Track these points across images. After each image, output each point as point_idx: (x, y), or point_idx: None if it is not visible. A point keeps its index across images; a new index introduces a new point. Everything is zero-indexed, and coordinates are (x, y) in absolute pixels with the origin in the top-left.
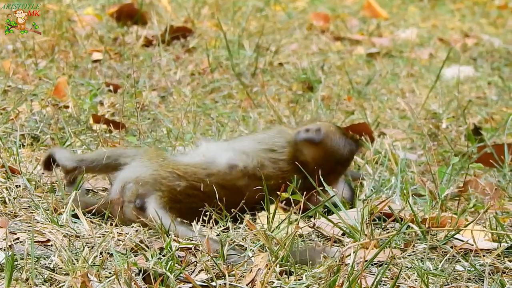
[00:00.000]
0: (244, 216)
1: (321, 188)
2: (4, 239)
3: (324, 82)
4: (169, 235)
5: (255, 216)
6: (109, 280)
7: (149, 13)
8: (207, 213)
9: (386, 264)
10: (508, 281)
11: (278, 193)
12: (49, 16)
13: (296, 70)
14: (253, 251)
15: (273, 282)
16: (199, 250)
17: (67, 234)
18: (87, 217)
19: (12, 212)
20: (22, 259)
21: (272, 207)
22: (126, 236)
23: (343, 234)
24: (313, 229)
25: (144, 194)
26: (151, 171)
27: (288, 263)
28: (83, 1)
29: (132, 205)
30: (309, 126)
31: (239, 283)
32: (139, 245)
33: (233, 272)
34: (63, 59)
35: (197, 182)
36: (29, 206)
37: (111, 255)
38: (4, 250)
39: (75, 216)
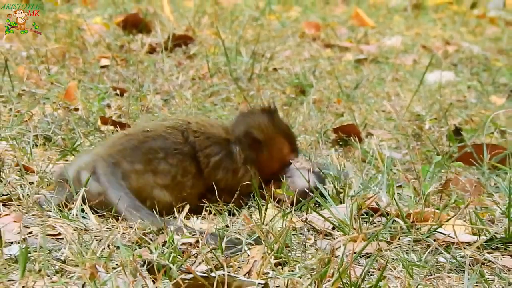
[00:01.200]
0: (241, 211)
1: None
2: (19, 233)
3: (316, 86)
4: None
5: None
6: (116, 271)
7: (153, 22)
8: (208, 208)
9: (373, 256)
10: (487, 272)
11: (274, 189)
12: (60, 25)
13: (290, 75)
14: (250, 243)
15: (268, 273)
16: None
17: (77, 228)
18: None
19: (26, 208)
20: (35, 251)
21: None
22: (131, 230)
23: (333, 228)
24: (305, 223)
25: (93, 169)
26: (88, 155)
27: (283, 255)
28: (92, 11)
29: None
30: None
31: (236, 273)
32: (144, 238)
33: (231, 264)
34: (73, 65)
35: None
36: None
37: (118, 247)
38: (19, 243)
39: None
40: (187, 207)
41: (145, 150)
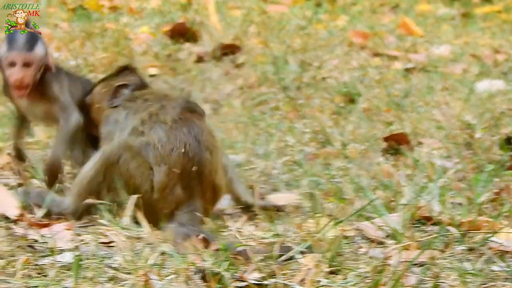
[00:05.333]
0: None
1: None
2: (71, 241)
3: (364, 95)
4: None
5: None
6: (169, 279)
7: (200, 32)
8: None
9: (427, 264)
10: None
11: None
12: (108, 35)
13: (338, 84)
14: (302, 252)
15: (321, 281)
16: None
17: (129, 236)
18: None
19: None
20: (88, 259)
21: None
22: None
23: (386, 237)
24: (357, 232)
25: None
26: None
27: (336, 263)
28: (138, 20)
29: None
30: None
31: (290, 281)
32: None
33: (284, 272)
34: None
35: None
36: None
37: (171, 255)
38: (71, 250)
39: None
40: (245, 217)
41: None
